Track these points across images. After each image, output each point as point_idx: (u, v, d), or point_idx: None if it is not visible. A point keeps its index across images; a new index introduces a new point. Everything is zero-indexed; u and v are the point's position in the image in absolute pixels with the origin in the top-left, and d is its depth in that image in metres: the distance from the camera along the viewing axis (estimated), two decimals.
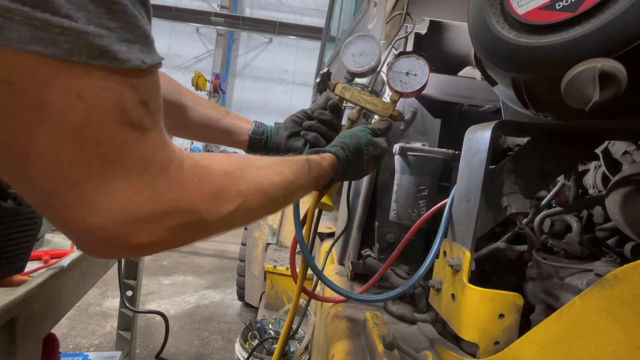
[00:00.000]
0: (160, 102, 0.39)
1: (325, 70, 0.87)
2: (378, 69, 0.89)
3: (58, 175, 0.32)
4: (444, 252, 0.76)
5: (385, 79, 0.90)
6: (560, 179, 0.88)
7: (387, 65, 0.82)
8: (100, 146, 0.32)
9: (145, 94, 0.35)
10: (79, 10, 0.29)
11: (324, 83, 0.86)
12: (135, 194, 0.35)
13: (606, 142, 0.82)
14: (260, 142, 0.92)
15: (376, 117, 0.83)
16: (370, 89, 0.85)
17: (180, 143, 11.01)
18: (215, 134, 0.92)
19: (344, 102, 0.87)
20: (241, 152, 0.88)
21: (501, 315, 0.61)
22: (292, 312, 0.87)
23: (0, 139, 0.30)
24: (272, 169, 0.55)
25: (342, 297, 0.94)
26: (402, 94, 0.82)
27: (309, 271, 0.86)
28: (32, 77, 0.29)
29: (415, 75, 0.80)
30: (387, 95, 0.84)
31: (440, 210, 0.82)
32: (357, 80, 0.91)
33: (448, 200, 0.79)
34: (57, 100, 0.30)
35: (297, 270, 0.88)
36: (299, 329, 1.90)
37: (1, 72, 0.28)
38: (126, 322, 2.21)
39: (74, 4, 0.29)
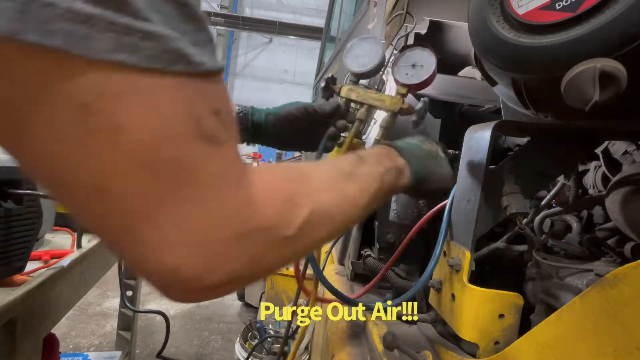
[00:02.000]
0: (231, 111, 0.35)
1: (330, 75, 0.86)
2: (382, 67, 0.88)
3: (131, 207, 0.27)
4: (444, 252, 0.76)
5: (384, 79, 0.90)
6: (560, 179, 0.88)
7: (392, 62, 0.82)
8: (174, 166, 0.28)
9: (217, 100, 0.32)
10: (155, 13, 0.27)
11: (329, 88, 0.85)
12: (212, 218, 0.30)
13: (606, 142, 0.82)
14: (246, 130, 0.86)
15: (385, 113, 0.82)
16: (375, 87, 0.84)
17: None
18: None
19: (351, 103, 0.85)
20: None
21: (501, 315, 0.61)
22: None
23: (68, 170, 0.26)
24: (327, 165, 0.50)
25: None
26: (409, 86, 0.80)
27: (309, 271, 0.85)
28: (109, 94, 0.26)
29: (422, 66, 0.79)
30: (395, 92, 0.83)
31: (441, 210, 0.82)
32: (361, 81, 0.91)
33: (448, 201, 0.79)
34: (131, 117, 0.26)
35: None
36: (299, 329, 1.89)
37: (77, 93, 0.25)
38: (126, 322, 2.21)
39: (151, 5, 0.27)
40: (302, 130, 0.87)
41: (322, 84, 0.85)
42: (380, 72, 0.92)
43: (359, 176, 0.51)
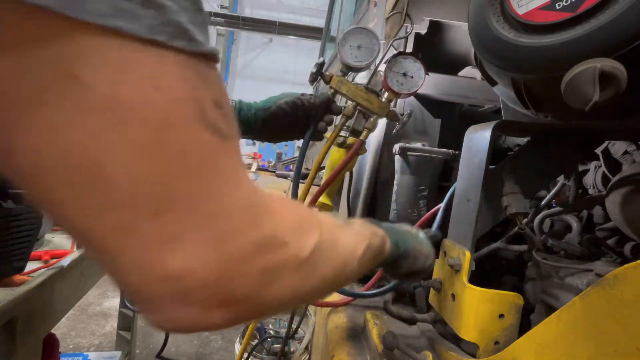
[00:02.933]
0: (232, 109, 0.30)
1: (320, 60, 0.84)
2: (375, 66, 0.89)
3: (133, 200, 0.23)
4: (444, 252, 0.76)
5: (381, 75, 0.90)
6: (560, 179, 0.88)
7: (386, 64, 0.82)
8: (183, 156, 0.24)
9: (218, 92, 0.28)
10: None
11: (318, 73, 0.83)
12: (231, 218, 0.26)
13: (606, 142, 0.83)
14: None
15: (373, 115, 0.82)
16: (367, 86, 0.84)
17: None
18: None
19: (338, 96, 0.85)
20: None
21: (501, 315, 0.61)
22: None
23: (56, 155, 0.22)
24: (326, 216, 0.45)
25: (339, 302, 0.94)
26: (398, 95, 0.82)
27: None
28: (105, 65, 0.22)
29: (412, 77, 0.80)
30: (384, 97, 0.84)
31: None
32: (357, 80, 0.91)
33: (444, 200, 0.80)
34: (132, 94, 0.22)
35: None
36: (299, 329, 1.90)
37: (67, 62, 0.21)
38: (126, 322, 2.21)
39: None
40: (290, 123, 0.85)
41: (313, 69, 0.83)
42: (380, 73, 0.92)
43: (350, 230, 0.48)
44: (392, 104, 0.84)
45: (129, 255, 0.24)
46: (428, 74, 0.80)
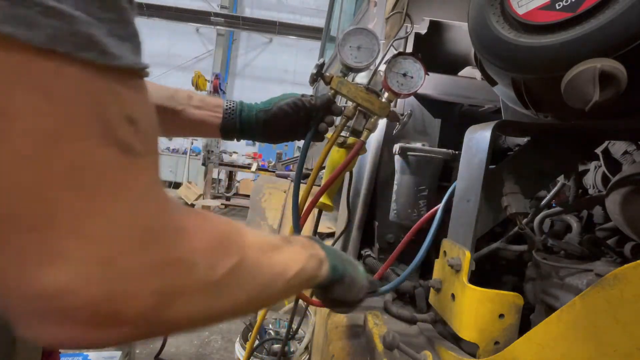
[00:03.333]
0: (155, 125, 0.30)
1: (320, 61, 0.84)
2: (375, 66, 0.89)
3: (7, 212, 0.22)
4: (444, 252, 0.76)
5: (381, 74, 0.90)
6: (560, 179, 0.88)
7: (386, 64, 0.82)
8: (72, 171, 0.23)
9: (133, 108, 0.27)
10: None
11: (318, 74, 0.84)
12: (123, 236, 0.26)
13: (606, 142, 0.83)
14: (234, 128, 0.84)
15: (373, 116, 0.82)
16: (367, 86, 0.84)
17: (180, 143, 11.02)
18: (176, 127, 0.82)
19: (338, 96, 0.85)
20: None
21: (501, 315, 0.61)
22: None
23: None
24: (262, 235, 0.45)
25: None
26: (398, 95, 0.82)
27: None
28: None
29: (412, 77, 0.80)
30: (384, 97, 0.84)
31: None
32: (357, 79, 0.91)
33: (443, 200, 0.80)
34: (20, 104, 0.22)
35: None
36: (299, 329, 1.90)
37: None
38: None
39: None
40: (291, 124, 0.85)
41: (313, 70, 0.84)
42: (380, 73, 0.92)
43: (286, 251, 0.48)
44: (392, 104, 0.84)
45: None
46: (428, 74, 0.80)
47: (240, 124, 0.84)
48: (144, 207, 0.27)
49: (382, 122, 1.06)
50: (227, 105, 0.84)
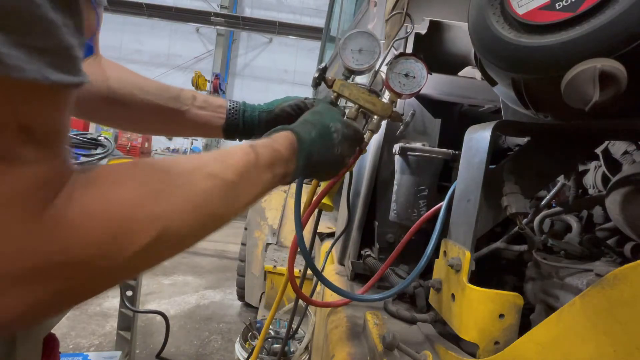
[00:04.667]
0: (61, 130, 0.31)
1: (322, 65, 0.85)
2: (377, 68, 0.89)
3: None
4: (444, 252, 0.76)
5: (384, 79, 0.90)
6: (560, 179, 0.88)
7: (387, 65, 0.82)
8: None
9: (35, 117, 0.28)
10: None
11: (320, 78, 0.85)
12: None
13: (606, 142, 0.83)
14: (237, 129, 0.83)
15: (375, 117, 0.83)
16: (369, 88, 0.84)
17: (180, 143, 11.02)
18: (179, 127, 0.81)
19: (341, 99, 0.85)
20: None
21: (501, 315, 0.61)
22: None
23: None
24: (201, 172, 0.42)
25: (339, 302, 0.94)
26: (400, 95, 0.82)
27: (308, 271, 0.85)
28: None
29: (414, 77, 0.80)
30: (386, 97, 0.84)
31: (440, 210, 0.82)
32: (357, 79, 0.91)
33: (445, 200, 0.79)
34: None
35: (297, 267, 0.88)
36: (299, 329, 1.90)
37: None
38: (126, 322, 2.21)
39: None
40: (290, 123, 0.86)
41: (316, 74, 0.84)
42: (381, 73, 0.92)
43: (241, 187, 0.46)
44: (394, 104, 0.84)
45: None
46: (431, 74, 0.80)
47: (243, 124, 0.84)
48: (20, 213, 0.28)
49: (383, 122, 1.06)
50: (230, 106, 0.84)
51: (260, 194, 0.51)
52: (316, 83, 0.85)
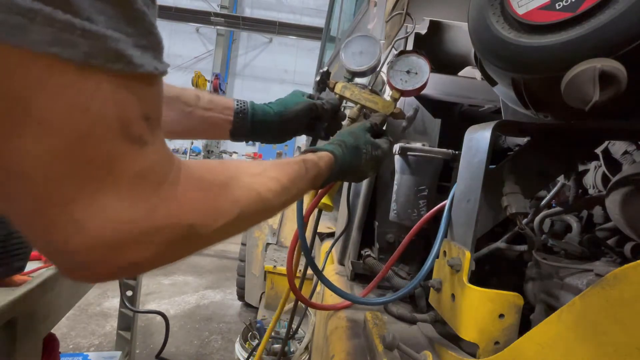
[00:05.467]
0: (161, 114, 0.38)
1: (324, 69, 0.86)
2: (378, 68, 0.89)
3: (45, 193, 0.29)
4: (444, 252, 0.76)
5: (385, 78, 0.90)
6: (560, 179, 0.88)
7: (388, 64, 0.82)
8: (95, 162, 0.31)
9: (150, 106, 0.34)
10: (100, 14, 0.29)
11: (323, 82, 0.86)
12: (126, 212, 0.33)
13: (606, 142, 0.82)
14: (245, 131, 0.84)
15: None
16: (370, 88, 0.85)
17: (180, 143, 11.01)
18: (182, 129, 0.79)
19: (344, 101, 0.86)
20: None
21: (501, 315, 0.61)
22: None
23: None
24: (267, 175, 0.52)
25: (339, 306, 0.94)
26: (403, 92, 0.82)
27: (308, 271, 0.85)
28: (39, 88, 0.27)
29: (416, 73, 0.80)
30: (388, 95, 0.84)
31: (441, 210, 0.82)
32: (357, 80, 0.91)
33: (447, 201, 0.79)
34: (58, 114, 0.28)
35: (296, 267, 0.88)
36: (299, 329, 1.90)
37: (8, 85, 0.26)
38: (126, 322, 2.21)
39: (95, 7, 0.28)
40: (301, 127, 0.87)
41: (317, 78, 0.85)
42: (380, 72, 0.92)
43: (290, 192, 0.57)
44: (396, 102, 0.84)
45: (36, 233, 0.32)
46: (433, 69, 0.80)
47: (252, 127, 0.83)
48: (147, 185, 0.34)
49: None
50: (237, 107, 0.82)
51: (299, 198, 0.63)
52: (320, 88, 0.86)
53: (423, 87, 0.81)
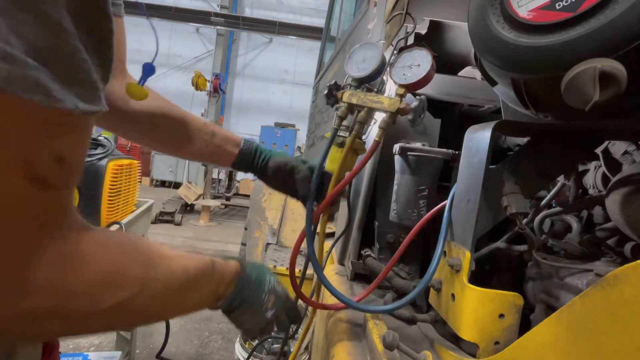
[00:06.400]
0: (82, 161, 0.34)
1: (332, 82, 0.87)
2: (382, 70, 0.89)
3: None
4: (444, 252, 0.76)
5: (384, 79, 0.90)
6: (560, 179, 0.88)
7: (390, 64, 0.82)
8: None
9: (66, 147, 0.31)
10: (19, 38, 0.26)
11: (332, 95, 0.88)
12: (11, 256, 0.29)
13: (606, 142, 0.82)
14: (248, 164, 0.96)
15: (384, 114, 0.82)
16: (375, 90, 0.85)
17: None
18: (189, 154, 0.93)
19: (353, 108, 0.87)
20: None
21: (501, 315, 0.61)
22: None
23: None
24: (176, 261, 0.48)
25: (340, 305, 0.94)
26: (406, 86, 0.80)
27: (309, 271, 0.86)
28: None
29: (418, 65, 0.79)
30: (392, 93, 0.84)
31: (441, 210, 0.82)
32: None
33: (447, 201, 0.79)
34: None
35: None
36: (299, 329, 1.89)
37: None
38: None
39: (15, 32, 0.26)
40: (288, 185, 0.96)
41: (325, 91, 0.86)
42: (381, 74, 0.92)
43: (196, 287, 0.55)
44: (401, 99, 0.83)
45: None
46: (437, 55, 0.80)
47: (254, 165, 0.96)
48: (36, 233, 0.31)
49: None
50: (243, 147, 0.95)
51: (199, 303, 0.62)
52: (330, 102, 0.90)
53: (428, 76, 0.79)
